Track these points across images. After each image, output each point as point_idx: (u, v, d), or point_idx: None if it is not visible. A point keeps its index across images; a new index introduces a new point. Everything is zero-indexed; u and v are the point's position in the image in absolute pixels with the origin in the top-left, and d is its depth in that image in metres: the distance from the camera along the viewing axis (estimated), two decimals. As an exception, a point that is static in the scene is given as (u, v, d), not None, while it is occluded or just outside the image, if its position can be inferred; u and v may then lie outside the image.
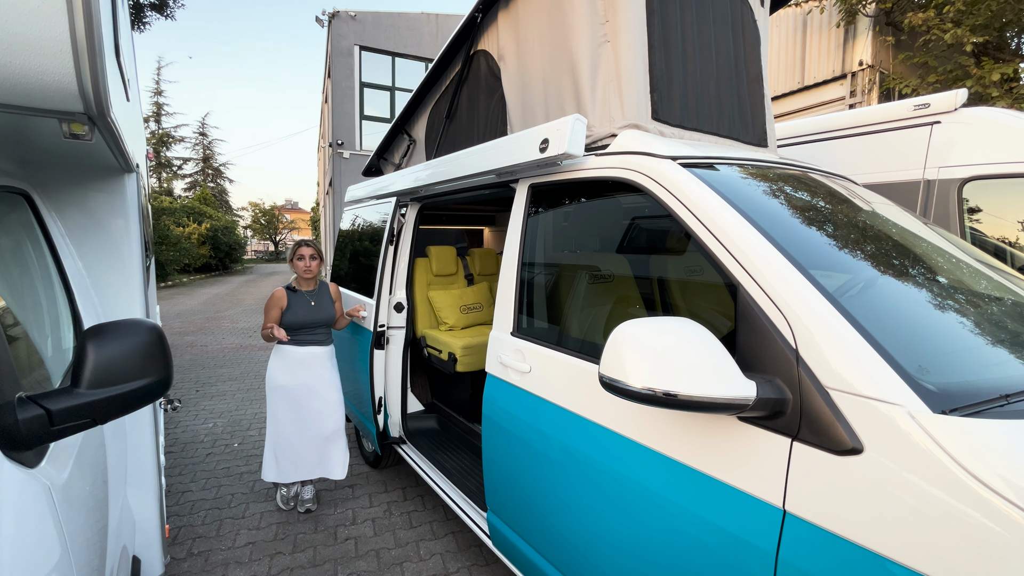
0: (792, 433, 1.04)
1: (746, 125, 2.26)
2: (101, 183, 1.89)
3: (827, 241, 1.37)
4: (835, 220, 1.54)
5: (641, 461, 1.35)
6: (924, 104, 3.23)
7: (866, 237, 1.49)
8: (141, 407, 1.09)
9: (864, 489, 0.93)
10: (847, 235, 1.46)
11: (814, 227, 1.43)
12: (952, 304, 1.30)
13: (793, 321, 1.07)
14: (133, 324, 1.08)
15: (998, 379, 1.00)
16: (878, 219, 1.64)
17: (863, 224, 1.55)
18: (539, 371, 1.76)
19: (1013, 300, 1.42)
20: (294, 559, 2.57)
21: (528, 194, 1.99)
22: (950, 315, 1.23)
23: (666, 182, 1.43)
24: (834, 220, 1.53)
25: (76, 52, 0.91)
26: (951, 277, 1.45)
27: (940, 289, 1.36)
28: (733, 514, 1.12)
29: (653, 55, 1.90)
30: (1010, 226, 2.99)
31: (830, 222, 1.52)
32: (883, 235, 1.53)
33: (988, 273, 1.56)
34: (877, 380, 0.95)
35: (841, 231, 1.48)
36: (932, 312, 1.21)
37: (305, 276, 2.83)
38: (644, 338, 1.08)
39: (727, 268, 1.21)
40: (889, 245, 1.49)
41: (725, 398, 1.02)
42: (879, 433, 0.92)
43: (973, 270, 1.55)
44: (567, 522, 1.60)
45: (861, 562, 0.92)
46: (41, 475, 0.94)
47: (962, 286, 1.44)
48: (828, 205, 1.60)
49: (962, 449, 0.84)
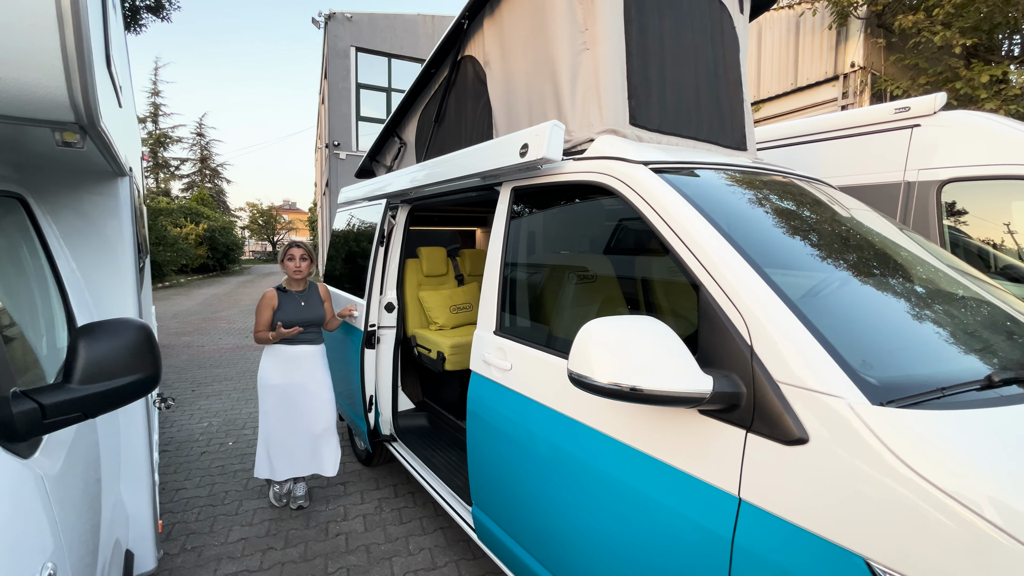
0: (746, 425, 1.10)
1: (725, 129, 2.32)
2: (95, 187, 1.94)
3: (788, 242, 1.43)
4: (798, 222, 1.60)
5: (611, 454, 1.41)
6: (904, 108, 3.30)
7: (826, 238, 1.55)
8: (130, 402, 1.15)
9: (808, 477, 0.99)
10: (808, 236, 1.53)
11: (776, 229, 1.49)
12: (902, 302, 1.36)
13: (749, 319, 1.13)
14: (123, 323, 1.14)
15: (937, 373, 1.07)
16: (842, 220, 1.70)
17: (826, 226, 1.62)
18: (519, 368, 1.82)
19: (962, 297, 1.48)
20: (285, 554, 2.62)
21: (511, 196, 2.05)
22: (899, 313, 1.29)
23: (636, 186, 1.49)
24: (797, 222, 1.60)
25: (67, 67, 0.96)
26: (904, 276, 1.52)
27: (892, 288, 1.42)
28: (694, 502, 1.18)
29: (631, 62, 1.96)
30: (987, 226, 3.06)
31: (793, 224, 1.58)
32: (843, 236, 1.60)
33: (942, 272, 1.63)
34: (822, 374, 1.01)
35: (803, 233, 1.54)
36: (882, 310, 1.28)
37: (295, 276, 2.89)
38: (609, 335, 1.14)
39: (690, 268, 1.27)
40: (848, 246, 1.55)
41: (683, 392, 1.08)
42: (822, 424, 0.98)
43: (928, 269, 1.61)
44: (545, 514, 1.66)
45: (807, 546, 0.98)
46: (35, 465, 1.00)
47: (914, 285, 1.50)
48: (794, 207, 1.67)
49: (895, 438, 0.90)
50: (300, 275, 2.91)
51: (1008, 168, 2.90)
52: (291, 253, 2.91)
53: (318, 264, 9.15)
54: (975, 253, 3.09)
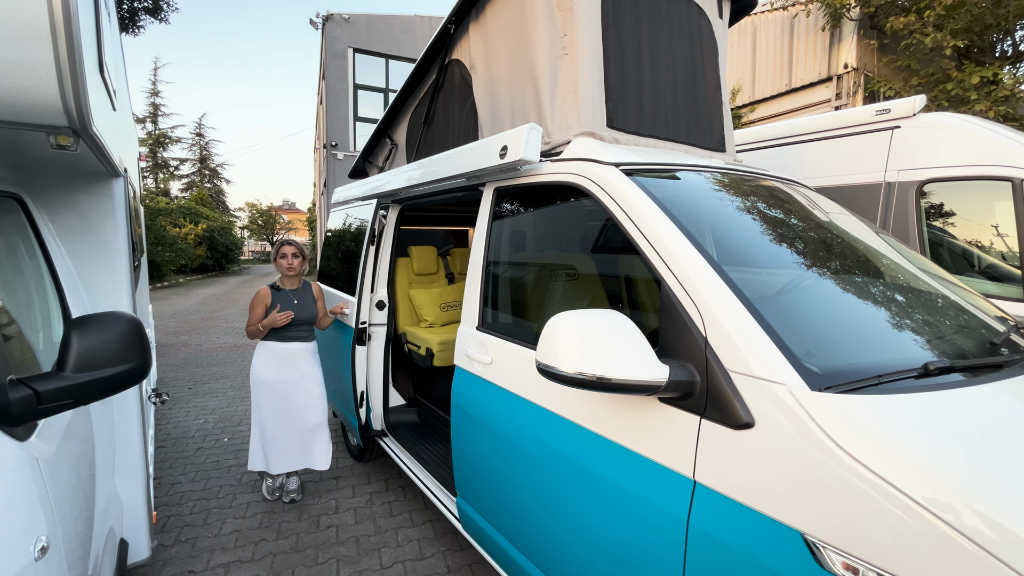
0: (700, 411, 1.17)
1: (703, 131, 2.39)
2: (90, 187, 2.01)
3: (748, 240, 1.50)
4: (761, 220, 1.67)
5: (579, 442, 1.48)
6: (885, 109, 3.37)
7: (787, 236, 1.62)
8: (121, 391, 1.22)
9: (754, 459, 1.06)
10: (769, 234, 1.59)
11: (738, 227, 1.56)
12: (853, 296, 1.43)
13: (704, 312, 1.20)
14: (114, 316, 1.21)
15: (877, 362, 1.13)
16: (805, 219, 1.77)
17: (787, 224, 1.69)
18: (499, 362, 1.89)
19: (914, 291, 1.55)
20: (277, 545, 2.69)
21: (493, 196, 2.12)
22: (848, 306, 1.36)
23: (606, 185, 1.56)
24: (760, 220, 1.66)
25: (60, 75, 1.03)
26: (860, 272, 1.59)
27: (845, 283, 1.49)
28: (654, 486, 1.25)
29: (609, 66, 2.03)
30: (964, 226, 3.14)
31: (755, 222, 1.65)
32: (803, 234, 1.67)
33: (898, 267, 1.70)
34: (768, 363, 1.08)
35: (764, 231, 1.61)
36: (832, 304, 1.35)
37: (288, 274, 2.96)
38: (574, 328, 1.21)
39: (653, 265, 1.34)
40: (807, 243, 1.62)
41: (641, 380, 1.15)
42: (766, 409, 1.05)
43: (884, 265, 1.68)
44: (520, 502, 1.73)
45: (752, 524, 1.05)
46: (30, 448, 1.06)
47: (867, 280, 1.57)
48: (759, 207, 1.74)
49: (829, 420, 0.97)
50: (293, 272, 2.97)
51: (984, 169, 2.97)
52: (283, 251, 2.98)
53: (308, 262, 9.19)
54: (955, 252, 3.16)
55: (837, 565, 0.92)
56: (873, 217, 3.34)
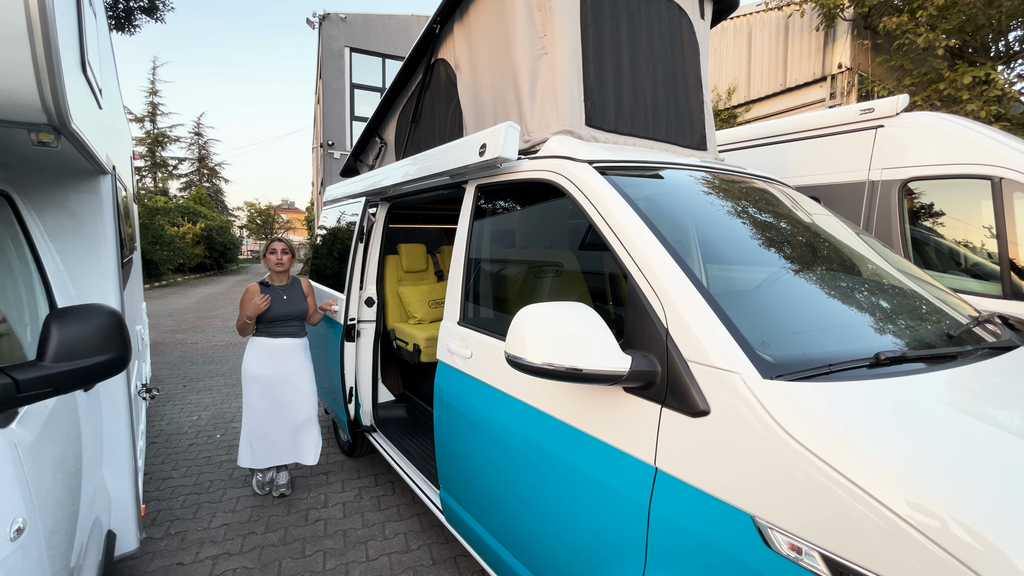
0: (661, 400, 1.21)
1: (684, 130, 2.43)
2: (78, 184, 2.04)
3: (715, 235, 1.54)
4: (730, 217, 1.70)
5: (549, 431, 1.51)
6: (869, 109, 3.41)
7: (754, 231, 1.66)
8: (101, 380, 1.25)
9: (709, 444, 1.09)
10: (736, 230, 1.63)
11: (707, 223, 1.60)
12: (813, 289, 1.47)
13: (666, 304, 1.23)
14: (94, 308, 1.25)
15: (829, 352, 1.17)
16: (776, 215, 1.81)
17: (755, 220, 1.72)
18: (478, 356, 1.93)
19: (874, 285, 1.59)
20: (265, 538, 2.73)
21: (475, 194, 2.16)
22: (807, 299, 1.40)
23: (579, 182, 1.59)
24: (729, 217, 1.70)
25: (38, 73, 1.06)
26: (823, 266, 1.63)
27: (806, 276, 1.52)
28: (619, 473, 1.29)
29: (587, 66, 2.06)
30: (945, 223, 3.18)
31: (724, 218, 1.69)
32: (770, 229, 1.71)
33: (864, 262, 1.74)
34: (724, 352, 1.11)
35: (732, 227, 1.65)
36: (792, 296, 1.39)
37: (277, 270, 2.99)
38: (541, 320, 1.24)
39: (621, 258, 1.38)
40: (774, 238, 1.66)
41: (604, 370, 1.18)
42: (721, 396, 1.09)
43: (851, 260, 1.72)
44: (496, 490, 1.76)
45: (706, 508, 1.08)
46: (9, 434, 1.10)
47: (829, 274, 1.61)
48: (729, 204, 1.77)
49: (778, 407, 1.01)
50: (282, 268, 3.01)
51: (965, 167, 3.01)
52: (273, 247, 3.01)
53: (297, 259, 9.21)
54: (937, 250, 3.20)
55: (783, 545, 0.96)
56: (857, 215, 3.38)
